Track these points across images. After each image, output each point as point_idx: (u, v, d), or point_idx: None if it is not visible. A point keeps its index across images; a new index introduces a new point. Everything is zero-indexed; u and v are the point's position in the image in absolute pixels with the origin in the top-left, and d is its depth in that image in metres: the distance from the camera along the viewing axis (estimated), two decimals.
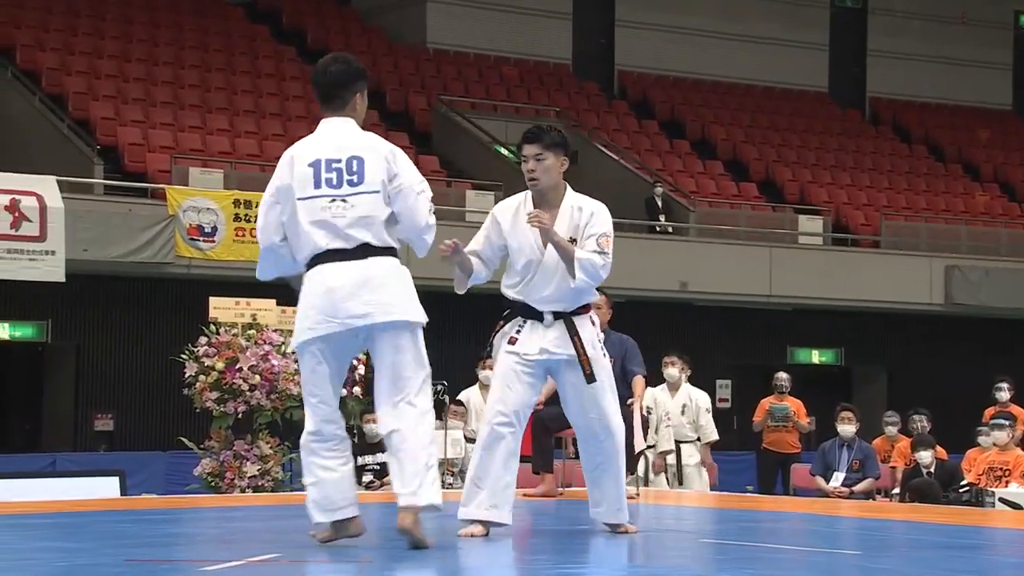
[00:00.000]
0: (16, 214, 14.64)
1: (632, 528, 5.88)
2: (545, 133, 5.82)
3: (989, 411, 12.85)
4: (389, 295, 5.24)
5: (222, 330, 11.37)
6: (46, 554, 5.31)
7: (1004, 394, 13.34)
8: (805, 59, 26.51)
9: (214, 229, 15.92)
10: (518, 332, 5.81)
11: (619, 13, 25.60)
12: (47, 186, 14.98)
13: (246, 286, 13.91)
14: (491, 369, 11.98)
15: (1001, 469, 10.99)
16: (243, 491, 10.85)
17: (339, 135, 5.28)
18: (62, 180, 15.43)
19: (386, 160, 5.23)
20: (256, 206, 15.98)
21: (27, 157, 17.35)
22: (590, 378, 5.69)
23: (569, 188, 5.87)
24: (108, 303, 16.98)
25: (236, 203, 16.11)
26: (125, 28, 21.32)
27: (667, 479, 11.68)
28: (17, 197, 14.73)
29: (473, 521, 5.61)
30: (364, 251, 5.21)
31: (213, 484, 11.09)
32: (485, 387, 12.27)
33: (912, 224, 22.38)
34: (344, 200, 5.19)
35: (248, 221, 16.01)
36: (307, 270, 5.30)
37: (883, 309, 20.56)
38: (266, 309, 11.81)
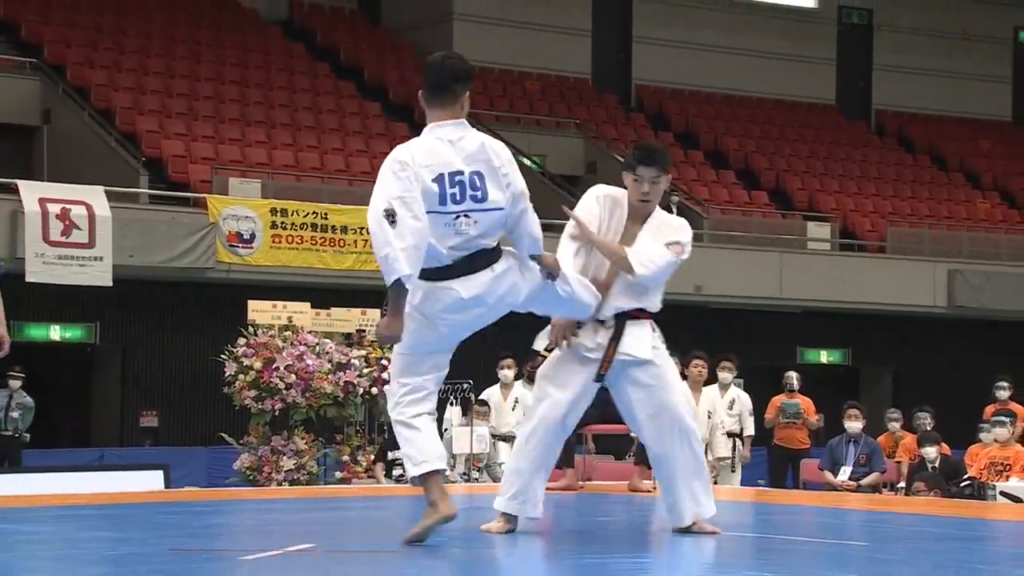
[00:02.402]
0: (67, 222, 14.72)
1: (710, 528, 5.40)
2: (661, 156, 5.52)
3: (990, 409, 12.80)
4: (510, 280, 5.09)
5: (260, 332, 11.41)
6: (95, 543, 5.32)
7: (1004, 392, 13.29)
8: (813, 73, 26.45)
9: (252, 236, 15.96)
10: (579, 327, 5.47)
11: (636, 30, 25.58)
12: (95, 196, 15.06)
13: (283, 290, 14.00)
14: (510, 369, 12.05)
15: (1002, 464, 10.94)
16: (280, 484, 10.87)
17: (457, 143, 4.95)
18: (109, 190, 15.50)
19: (501, 172, 4.97)
20: (292, 214, 16.12)
21: (77, 169, 17.43)
22: (599, 377, 5.39)
23: (658, 207, 5.63)
24: (153, 306, 17.04)
25: (273, 211, 16.14)
26: (169, 46, 21.41)
27: None
28: (67, 206, 14.81)
29: (503, 514, 5.44)
30: (489, 256, 5.01)
31: (251, 477, 11.12)
32: (505, 386, 12.27)
33: (916, 230, 22.29)
34: (467, 216, 4.93)
35: (284, 228, 16.05)
36: (424, 281, 4.94)
37: (888, 311, 20.47)
38: (301, 312, 11.85)
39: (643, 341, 5.42)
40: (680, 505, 5.35)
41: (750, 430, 12.41)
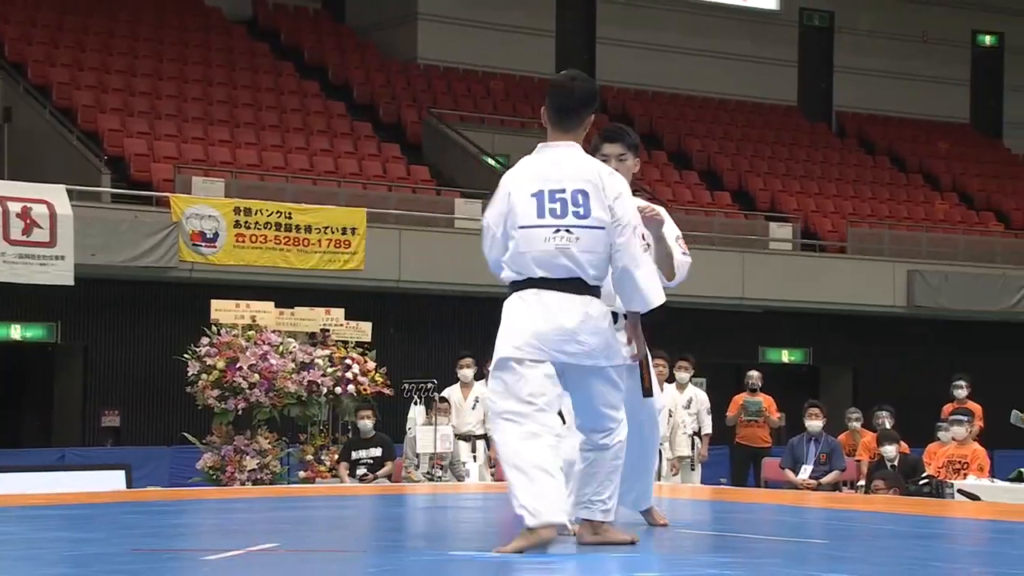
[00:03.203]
0: (28, 221, 14.59)
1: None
2: (627, 134, 5.45)
3: (948, 407, 12.89)
4: (600, 339, 4.80)
5: (223, 331, 11.36)
6: (57, 544, 5.29)
7: (962, 391, 13.38)
8: (775, 75, 26.57)
9: (215, 235, 15.88)
10: None
11: (600, 31, 25.63)
12: (57, 195, 14.93)
13: (246, 289, 13.94)
14: (469, 368, 12.07)
15: (959, 462, 11.03)
16: (243, 484, 10.84)
17: (564, 162, 4.84)
18: (71, 189, 15.38)
19: (604, 196, 4.79)
20: (256, 213, 16.06)
21: (38, 167, 17.29)
22: (647, 392, 5.43)
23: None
24: (115, 306, 16.93)
25: (236, 210, 16.07)
26: (132, 44, 21.28)
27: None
28: (29, 205, 14.68)
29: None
30: (580, 287, 4.78)
31: (214, 477, 11.08)
32: (465, 385, 12.27)
33: (876, 231, 22.44)
34: (569, 231, 4.76)
35: (248, 227, 15.97)
36: (514, 291, 4.83)
37: (849, 311, 20.60)
38: (265, 311, 11.80)
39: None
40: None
41: (708, 429, 12.49)
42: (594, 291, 4.81)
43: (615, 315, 5.12)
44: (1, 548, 5.23)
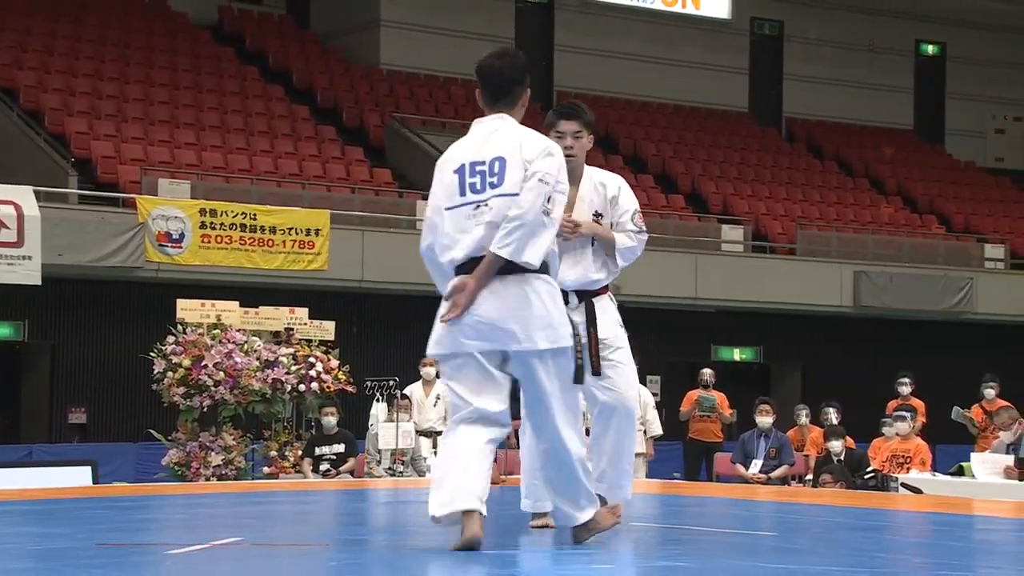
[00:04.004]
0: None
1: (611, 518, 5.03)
2: (583, 112, 5.24)
3: (892, 404, 12.99)
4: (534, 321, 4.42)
5: (189, 330, 11.30)
6: (23, 538, 5.24)
7: (906, 388, 13.48)
8: (727, 82, 26.69)
9: (181, 236, 15.77)
10: None
11: (558, 38, 25.66)
12: (24, 195, 14.77)
13: (211, 289, 13.86)
14: (431, 366, 12.03)
15: (903, 457, 11.11)
16: (208, 479, 10.77)
17: (489, 134, 4.58)
18: (39, 190, 15.23)
19: (526, 159, 4.47)
20: (221, 214, 15.96)
21: (5, 169, 17.11)
22: (595, 370, 5.07)
23: (586, 164, 5.30)
24: (82, 305, 16.79)
25: (202, 212, 15.97)
26: (99, 48, 21.10)
27: None
28: (2, 205, 14.53)
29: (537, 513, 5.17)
30: (509, 266, 4.41)
31: (180, 473, 11.01)
32: (427, 382, 12.25)
33: (824, 233, 22.59)
34: (487, 204, 4.45)
35: (213, 228, 15.88)
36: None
37: (798, 310, 20.73)
38: (230, 310, 11.74)
39: (610, 320, 5.19)
40: (606, 480, 5.22)
41: (654, 430, 12.16)
42: (524, 268, 4.41)
43: (565, 294, 4.85)
44: None
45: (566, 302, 4.90)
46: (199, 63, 21.68)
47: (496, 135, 4.57)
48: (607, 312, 5.24)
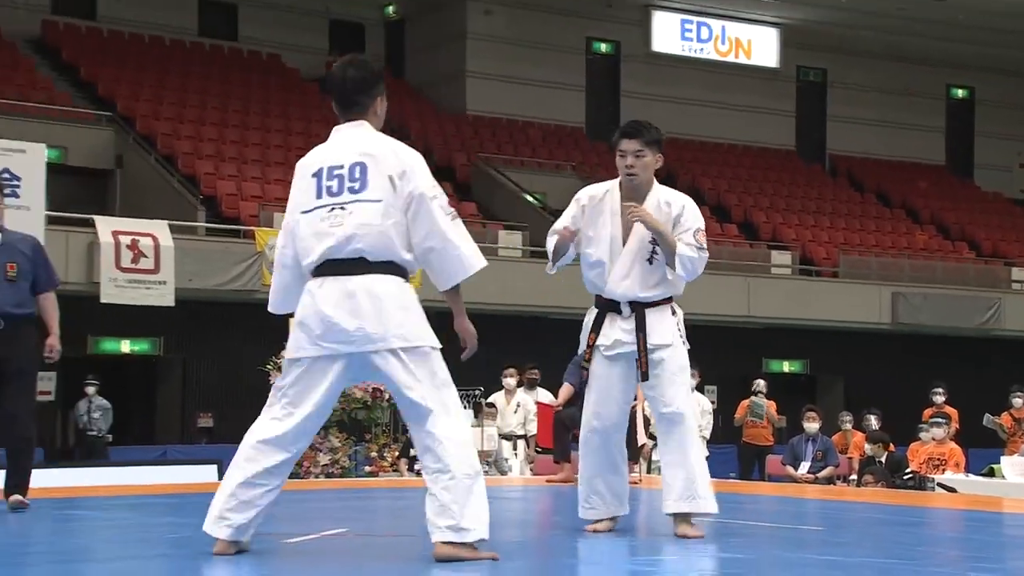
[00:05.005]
0: (136, 251, 14.75)
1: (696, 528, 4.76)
2: (645, 130, 4.76)
3: (928, 411, 12.77)
4: (388, 319, 3.94)
5: None
6: (159, 528, 5.33)
7: (940, 397, 13.27)
8: (776, 123, 26.49)
9: None
10: (598, 327, 4.74)
11: (624, 85, 25.64)
12: (160, 229, 15.08)
13: None
14: (512, 377, 12.02)
15: (939, 459, 10.91)
16: (317, 477, 10.86)
17: (347, 140, 4.07)
18: (172, 224, 15.54)
19: (387, 167, 3.96)
20: None
21: (144, 206, 17.47)
22: (644, 376, 4.69)
23: (655, 182, 4.84)
24: (209, 323, 17.04)
25: None
26: (223, 100, 21.49)
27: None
28: (136, 238, 14.85)
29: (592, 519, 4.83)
30: (365, 267, 3.94)
31: (293, 471, 11.09)
32: (508, 391, 12.23)
33: (864, 258, 22.28)
34: (343, 208, 3.93)
35: None
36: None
37: (841, 327, 20.45)
38: None
39: (666, 329, 4.75)
40: (664, 493, 4.86)
41: (706, 432, 12.03)
42: (382, 268, 3.96)
43: (617, 305, 4.52)
44: (122, 532, 5.27)
45: (618, 312, 4.67)
46: (309, 112, 21.99)
47: (355, 141, 4.05)
48: (662, 322, 4.78)
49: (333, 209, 3.96)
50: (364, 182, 3.95)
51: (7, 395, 5.86)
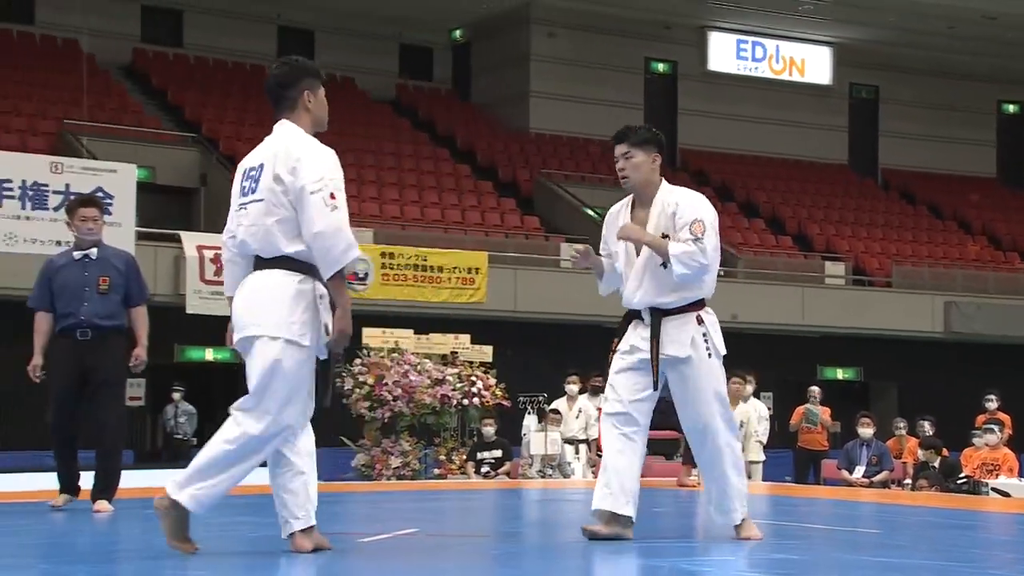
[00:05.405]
0: (219, 265, 14.92)
1: (752, 532, 4.60)
2: (632, 132, 4.63)
3: (981, 418, 12.53)
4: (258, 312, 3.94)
5: (372, 354, 11.49)
6: (241, 527, 5.39)
7: (993, 404, 13.02)
8: (829, 138, 26.20)
9: (366, 275, 16.09)
10: (622, 333, 4.58)
11: (681, 103, 25.52)
12: None
13: (391, 319, 14.08)
14: (575, 384, 12.00)
15: (992, 464, 10.69)
16: (388, 479, 10.92)
17: (267, 141, 4.09)
18: None
19: (278, 164, 3.95)
20: (398, 256, 16.24)
21: (226, 222, 17.70)
22: (654, 385, 4.45)
23: (664, 184, 4.60)
24: None
25: (383, 255, 16.28)
26: None
27: None
28: (218, 252, 15.04)
29: (600, 511, 4.57)
30: (259, 263, 4.02)
31: (366, 473, 11.18)
32: (571, 397, 12.20)
33: (917, 269, 21.93)
34: (244, 208, 4.04)
35: (392, 268, 16.16)
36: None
37: (894, 336, 20.14)
38: (406, 337, 11.92)
39: (684, 339, 4.44)
40: (705, 500, 4.83)
41: (762, 436, 11.85)
42: (274, 263, 3.95)
43: (637, 313, 4.43)
44: (205, 530, 5.33)
45: (641, 319, 4.47)
46: (380, 132, 22.18)
47: (270, 141, 4.08)
48: (680, 331, 4.46)
49: (240, 209, 4.08)
50: (257, 182, 4.00)
51: (98, 404, 5.95)
